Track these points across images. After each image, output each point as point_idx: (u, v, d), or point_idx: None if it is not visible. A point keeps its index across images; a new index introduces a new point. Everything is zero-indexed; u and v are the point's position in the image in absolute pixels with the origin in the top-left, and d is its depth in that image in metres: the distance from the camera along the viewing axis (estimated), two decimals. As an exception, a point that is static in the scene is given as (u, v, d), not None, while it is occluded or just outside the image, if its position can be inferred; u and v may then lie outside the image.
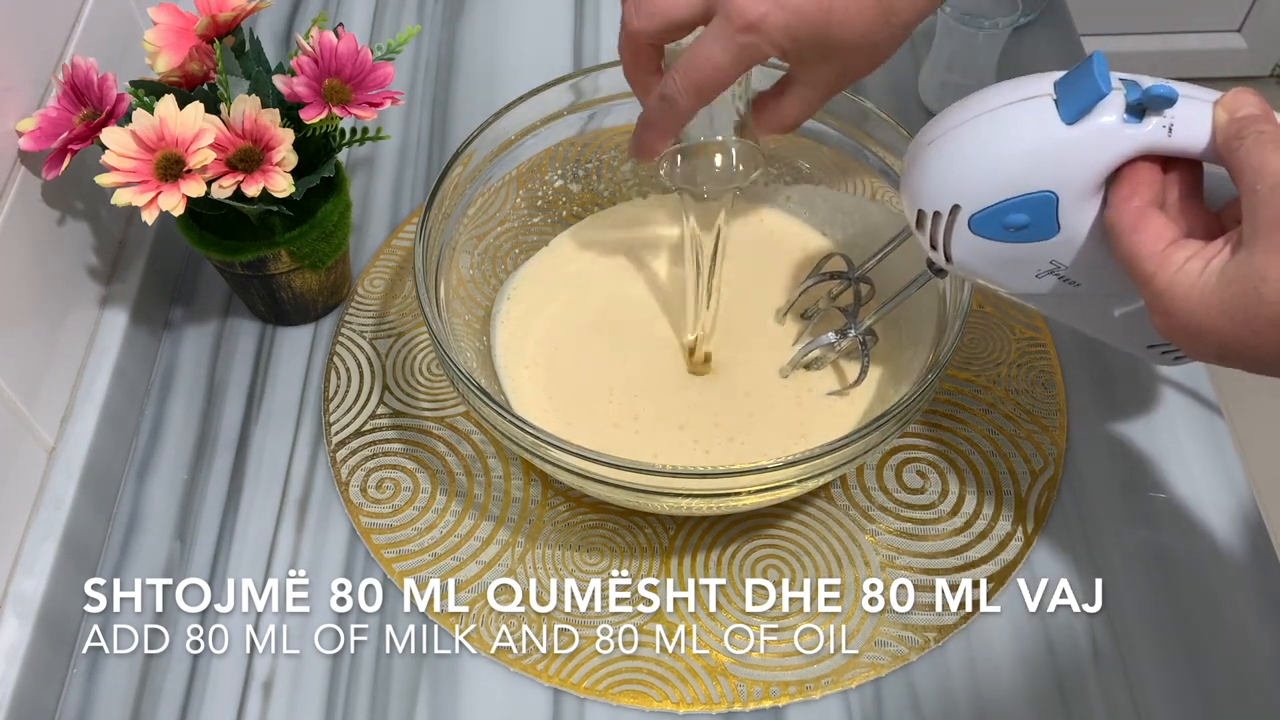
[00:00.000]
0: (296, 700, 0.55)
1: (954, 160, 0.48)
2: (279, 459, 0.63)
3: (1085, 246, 0.48)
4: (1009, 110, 0.46)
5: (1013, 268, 0.49)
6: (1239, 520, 0.59)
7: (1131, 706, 0.54)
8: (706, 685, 0.54)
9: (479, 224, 0.64)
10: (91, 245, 0.64)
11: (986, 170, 0.47)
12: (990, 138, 0.47)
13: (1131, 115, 0.44)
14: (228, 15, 0.59)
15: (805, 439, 0.59)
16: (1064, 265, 0.49)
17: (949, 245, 0.49)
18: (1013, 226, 0.47)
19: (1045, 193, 0.46)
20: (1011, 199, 0.47)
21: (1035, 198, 0.46)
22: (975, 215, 0.48)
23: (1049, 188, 0.46)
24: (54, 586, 0.55)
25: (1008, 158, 0.46)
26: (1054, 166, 0.46)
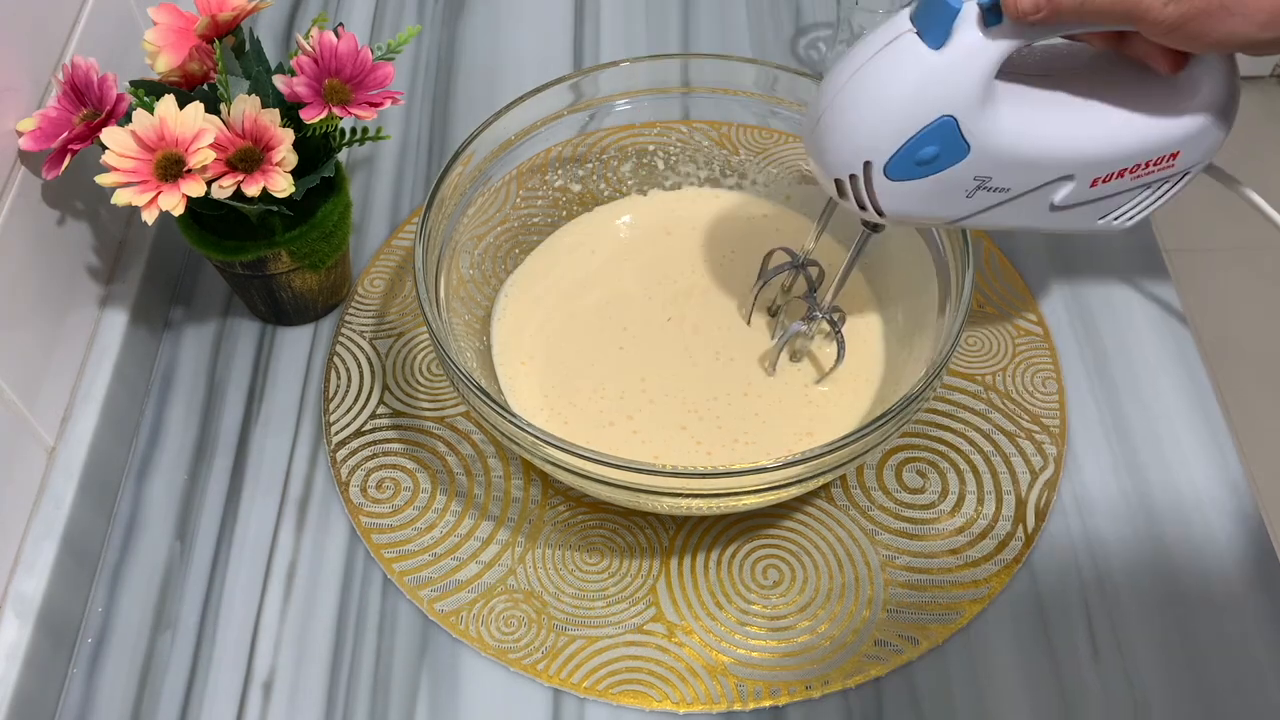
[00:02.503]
0: (296, 700, 0.55)
1: (847, 123, 0.50)
2: (279, 459, 0.63)
3: (1001, 151, 0.50)
4: (879, 58, 0.48)
5: (942, 198, 0.51)
6: (1239, 519, 0.59)
7: (1131, 706, 0.54)
8: (706, 685, 0.54)
9: (479, 224, 0.64)
10: (91, 245, 0.64)
11: (880, 120, 0.49)
12: (872, 90, 0.49)
13: (991, 15, 0.47)
14: (228, 15, 0.59)
15: (811, 436, 0.59)
16: (989, 177, 0.51)
17: (875, 201, 0.51)
18: (925, 160, 0.49)
19: (942, 118, 0.48)
20: (914, 137, 0.48)
21: (935, 127, 0.48)
22: (887, 164, 0.50)
23: (944, 113, 0.48)
24: (54, 586, 0.55)
25: (895, 102, 0.48)
26: (940, 92, 0.48)
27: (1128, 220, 0.56)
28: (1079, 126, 0.51)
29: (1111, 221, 0.56)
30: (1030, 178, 0.52)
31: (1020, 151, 0.50)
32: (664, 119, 0.67)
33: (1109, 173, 0.53)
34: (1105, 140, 0.52)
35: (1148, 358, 0.65)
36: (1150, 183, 0.54)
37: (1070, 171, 0.52)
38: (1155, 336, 0.66)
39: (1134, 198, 0.55)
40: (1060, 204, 0.53)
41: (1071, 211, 0.54)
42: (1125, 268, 0.69)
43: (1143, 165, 0.53)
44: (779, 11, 0.84)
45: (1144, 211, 0.56)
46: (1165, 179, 0.55)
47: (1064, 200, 0.53)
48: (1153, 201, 0.56)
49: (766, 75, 0.64)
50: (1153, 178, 0.54)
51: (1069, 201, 0.53)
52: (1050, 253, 0.70)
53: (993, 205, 0.52)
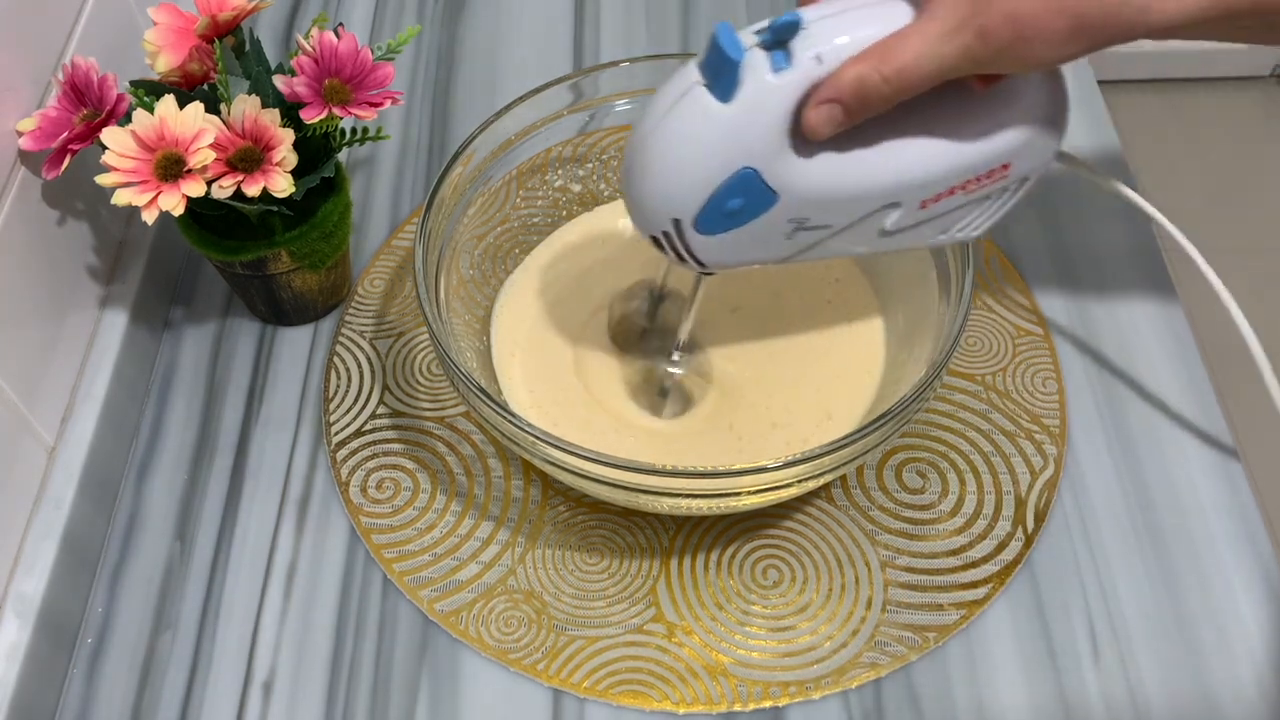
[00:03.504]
0: (296, 700, 0.55)
1: (648, 182, 0.48)
2: (279, 459, 0.63)
3: (812, 193, 0.48)
4: (671, 114, 0.46)
5: (761, 243, 0.50)
6: (1239, 519, 0.59)
7: (1131, 706, 0.54)
8: (706, 685, 0.54)
9: (479, 224, 0.64)
10: (91, 245, 0.64)
11: (679, 179, 0.47)
12: (667, 148, 0.47)
13: (778, 58, 0.45)
14: (228, 15, 0.59)
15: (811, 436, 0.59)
16: (806, 218, 0.49)
17: (693, 253, 0.50)
18: (733, 212, 0.48)
19: (742, 170, 0.46)
20: (715, 192, 0.47)
21: (736, 180, 0.46)
22: (695, 220, 0.48)
23: (743, 165, 0.46)
24: (54, 586, 0.55)
25: (690, 159, 0.47)
26: (736, 145, 0.46)
27: (974, 231, 0.53)
28: (894, 155, 0.48)
29: (956, 235, 0.53)
30: (851, 212, 0.49)
31: (833, 191, 0.48)
32: (664, 119, 0.67)
33: (937, 194, 0.49)
34: (925, 165, 0.49)
35: (1148, 358, 0.65)
36: (986, 195, 0.51)
37: (894, 199, 0.49)
38: (1155, 336, 0.66)
39: (973, 210, 0.52)
40: (892, 229, 0.51)
41: (907, 233, 0.51)
42: (1125, 268, 0.69)
43: (973, 180, 0.50)
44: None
45: (990, 220, 0.53)
46: (1002, 189, 0.51)
47: (895, 225, 0.50)
48: (996, 210, 0.53)
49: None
50: (987, 190, 0.51)
51: (901, 225, 0.51)
52: (1050, 253, 0.70)
53: (818, 241, 0.50)
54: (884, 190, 0.49)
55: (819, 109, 0.45)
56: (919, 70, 0.44)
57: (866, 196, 0.49)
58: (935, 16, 0.44)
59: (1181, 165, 1.75)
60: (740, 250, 0.50)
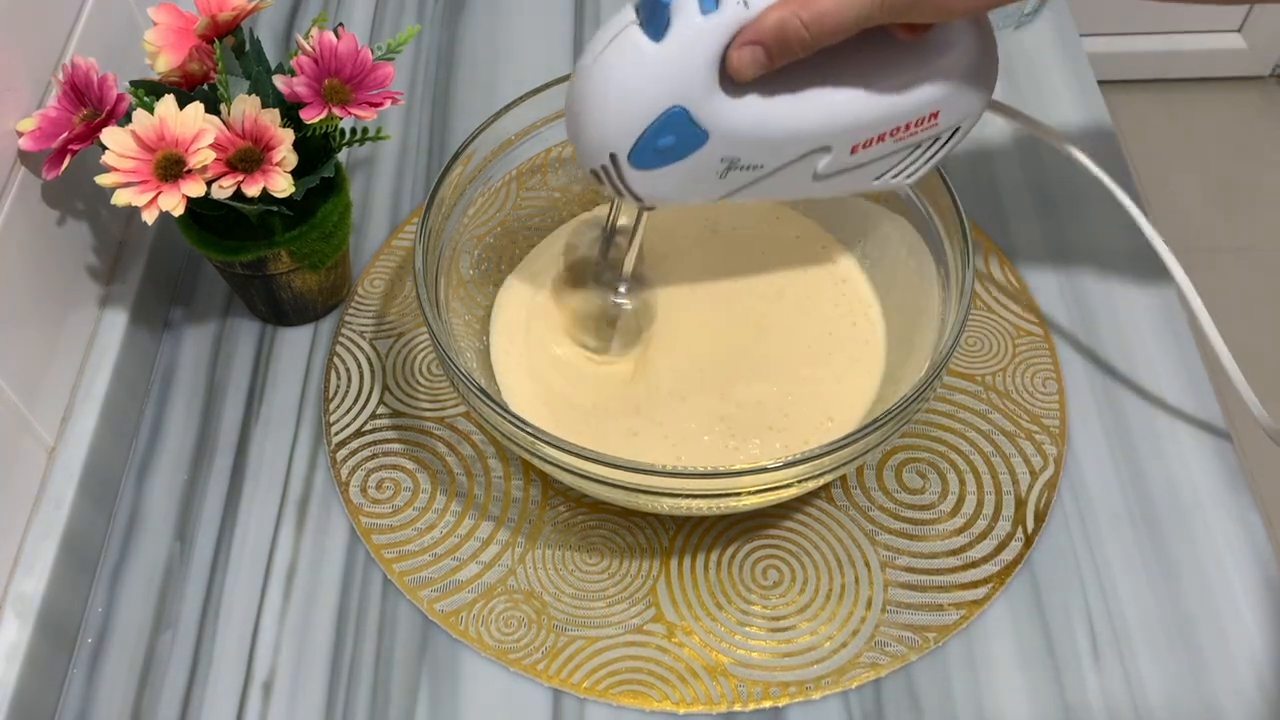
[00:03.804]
0: (296, 700, 0.55)
1: (587, 117, 0.50)
2: (279, 459, 0.63)
3: (742, 134, 0.49)
4: (607, 52, 0.48)
5: (695, 181, 0.51)
6: (1239, 519, 0.59)
7: (1131, 706, 0.54)
8: (706, 685, 0.55)
9: (479, 224, 0.64)
10: (91, 245, 0.64)
11: (613, 114, 0.49)
12: (603, 84, 0.49)
13: (708, 1, 0.46)
14: (228, 15, 0.59)
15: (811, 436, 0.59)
16: (737, 158, 0.50)
17: (630, 188, 0.51)
18: (665, 149, 0.49)
19: (672, 109, 0.48)
20: (648, 129, 0.48)
21: (667, 117, 0.48)
22: (630, 155, 0.50)
23: (673, 103, 0.48)
24: (54, 586, 0.55)
25: (624, 95, 0.48)
26: (666, 84, 0.48)
27: (908, 177, 0.55)
28: (823, 99, 0.50)
29: (890, 180, 0.54)
30: (782, 154, 0.51)
31: (763, 132, 0.50)
32: (664, 119, 0.67)
33: (867, 139, 0.51)
34: (852, 110, 0.50)
35: (1148, 358, 0.65)
36: (918, 143, 0.53)
37: (824, 143, 0.51)
38: (1155, 336, 0.66)
39: (905, 157, 0.53)
40: (824, 172, 0.52)
41: (840, 178, 0.53)
42: (1125, 268, 0.69)
43: (903, 128, 0.51)
44: None
45: (924, 167, 0.54)
46: (933, 137, 0.53)
47: (827, 169, 0.52)
48: (929, 157, 0.54)
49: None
50: (918, 138, 0.52)
51: (832, 169, 0.52)
52: (1050, 253, 0.70)
53: (751, 182, 0.52)
54: (811, 134, 0.50)
55: (742, 50, 0.47)
56: (838, 16, 0.45)
57: (795, 139, 0.50)
58: None
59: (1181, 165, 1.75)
60: (675, 186, 0.51)
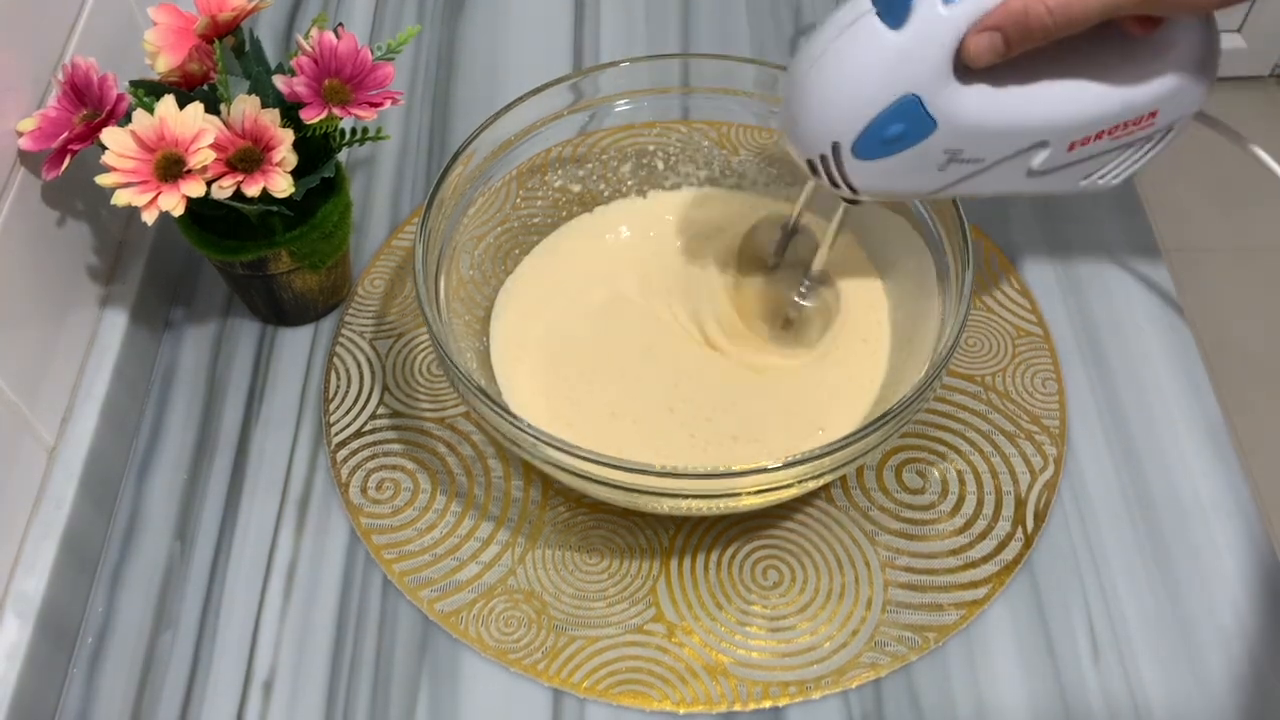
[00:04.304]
0: (296, 700, 0.55)
1: (812, 106, 0.50)
2: (279, 459, 0.63)
3: (969, 124, 0.50)
4: (841, 40, 0.48)
5: (915, 173, 0.51)
6: (1239, 520, 0.59)
7: (1131, 706, 0.54)
8: (706, 685, 0.55)
9: (479, 224, 0.64)
10: (91, 245, 0.64)
11: (843, 102, 0.49)
12: (835, 72, 0.49)
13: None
14: (228, 15, 0.59)
15: (811, 436, 0.59)
16: (960, 150, 0.50)
17: (847, 179, 0.51)
18: (892, 139, 0.49)
19: (905, 97, 0.48)
20: (878, 117, 0.48)
21: (899, 105, 0.48)
22: (855, 144, 0.50)
23: (907, 91, 0.48)
24: (54, 586, 0.55)
25: (857, 83, 0.48)
26: (901, 71, 0.48)
27: (1114, 179, 0.55)
28: (1049, 93, 0.50)
29: (1097, 181, 0.55)
30: (1003, 147, 0.51)
31: (989, 123, 0.50)
32: (664, 119, 0.67)
33: (1085, 136, 0.52)
34: (1078, 105, 0.51)
35: (1148, 358, 0.65)
36: (1131, 142, 0.53)
37: (1044, 138, 0.51)
38: (1155, 337, 0.66)
39: (1116, 157, 0.54)
40: (1039, 169, 0.52)
41: (1052, 175, 0.53)
42: (1126, 268, 0.69)
43: (1121, 126, 0.52)
44: (779, 11, 0.84)
45: (1130, 169, 0.55)
46: (1147, 137, 0.53)
47: (1042, 165, 0.52)
48: (1138, 159, 0.55)
49: (766, 75, 0.64)
50: (1133, 137, 0.53)
51: (1047, 166, 0.52)
52: (1051, 253, 0.70)
53: (968, 175, 0.52)
54: (1036, 127, 0.51)
55: (981, 36, 0.47)
56: (1084, 5, 0.46)
57: (1019, 132, 0.51)
58: None
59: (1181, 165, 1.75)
60: (894, 178, 0.51)
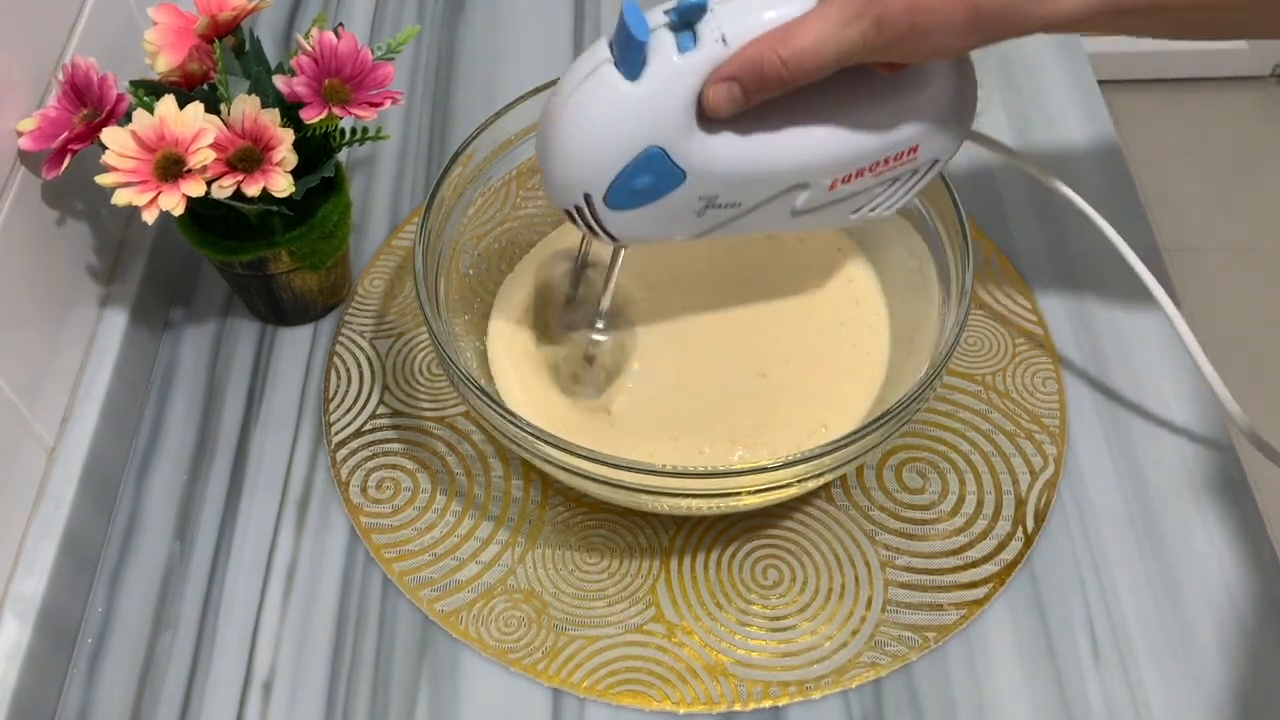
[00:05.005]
0: (296, 700, 0.55)
1: (559, 158, 0.49)
2: (279, 459, 0.63)
3: (719, 172, 0.48)
4: (581, 90, 0.47)
5: (671, 220, 0.50)
6: (1240, 520, 0.59)
7: (1131, 706, 0.54)
8: (706, 685, 0.55)
9: (479, 224, 0.64)
10: (91, 245, 0.64)
11: (589, 155, 0.48)
12: (576, 125, 0.47)
13: (685, 38, 0.45)
14: (228, 15, 0.59)
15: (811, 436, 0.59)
16: (715, 196, 0.49)
17: (605, 227, 0.50)
18: (642, 190, 0.48)
19: (649, 149, 0.47)
20: (624, 170, 0.47)
21: (644, 158, 0.47)
22: (605, 195, 0.49)
23: (650, 144, 0.47)
24: (54, 586, 0.55)
25: (599, 136, 0.47)
26: (643, 124, 0.46)
27: (886, 210, 0.54)
28: (801, 137, 0.49)
29: (868, 214, 0.54)
30: (759, 192, 0.50)
31: (741, 170, 0.49)
32: (664, 119, 0.67)
33: (846, 174, 0.50)
34: (832, 147, 0.49)
35: (1147, 358, 0.65)
36: (896, 176, 0.52)
37: (802, 180, 0.50)
38: (1155, 337, 0.66)
39: (884, 191, 0.53)
40: (803, 208, 0.51)
41: (819, 213, 0.52)
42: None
43: (881, 163, 0.50)
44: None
45: (902, 200, 0.54)
46: (913, 170, 0.52)
47: (805, 205, 0.51)
48: (907, 190, 0.53)
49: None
50: (897, 172, 0.51)
51: (811, 205, 0.51)
52: (1050, 253, 0.70)
53: (728, 220, 0.51)
54: (790, 171, 0.50)
55: (718, 87, 0.46)
56: (817, 55, 0.45)
57: (773, 177, 0.49)
58: (834, 2, 0.45)
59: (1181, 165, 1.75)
60: (652, 225, 0.50)
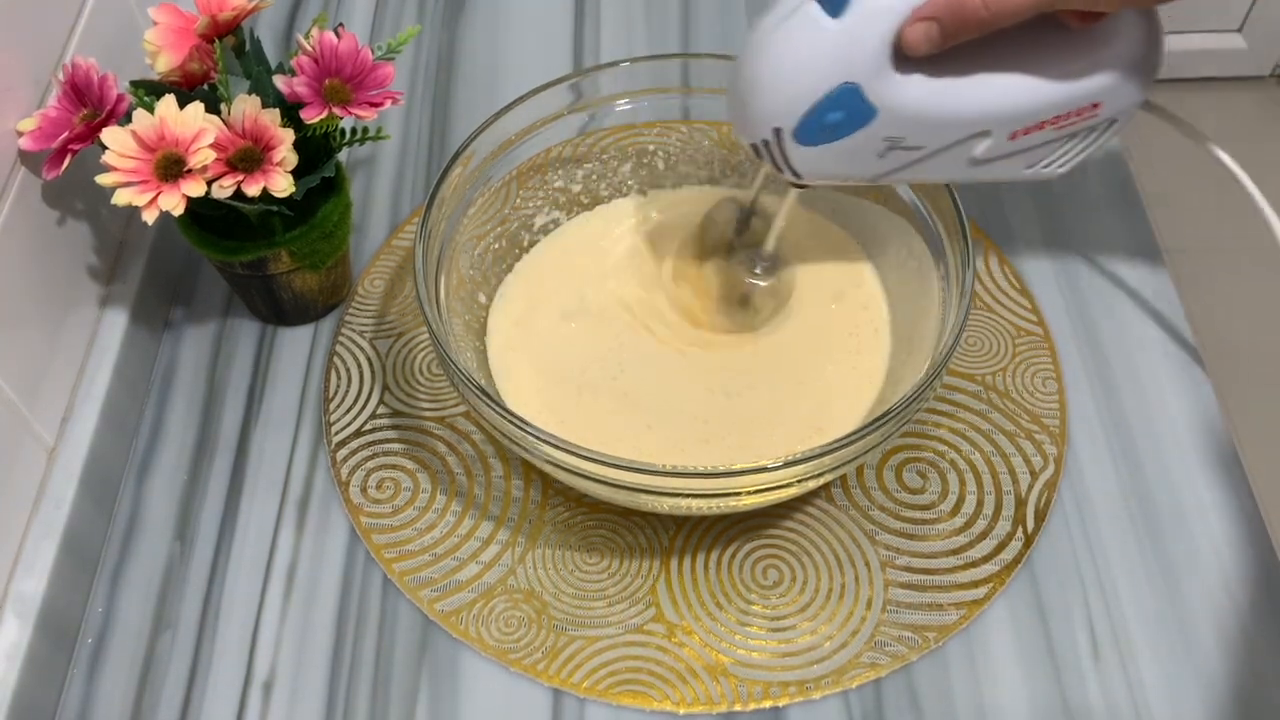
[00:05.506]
0: (296, 700, 0.55)
1: (754, 91, 0.51)
2: (279, 459, 0.63)
3: (909, 113, 0.50)
4: (782, 28, 0.49)
5: (855, 158, 0.52)
6: (1239, 520, 0.59)
7: (1131, 706, 0.54)
8: (706, 685, 0.55)
9: (479, 224, 0.64)
10: (91, 245, 0.64)
11: (784, 88, 0.50)
12: (776, 58, 0.49)
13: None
14: (228, 15, 0.59)
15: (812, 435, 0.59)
16: (900, 138, 0.51)
17: (790, 162, 0.52)
18: (832, 125, 0.50)
19: (844, 85, 0.49)
20: (817, 104, 0.49)
21: (838, 93, 0.49)
22: (795, 130, 0.50)
23: (846, 80, 0.48)
24: (54, 586, 0.55)
25: (796, 70, 0.49)
26: (840, 60, 0.48)
27: (1059, 168, 0.55)
28: (989, 83, 0.50)
29: (1041, 170, 0.55)
30: (944, 136, 0.51)
31: (929, 112, 0.50)
32: (664, 119, 0.67)
33: (1027, 126, 0.52)
34: (1018, 96, 0.51)
35: (1148, 358, 0.65)
36: (1075, 132, 0.53)
37: (985, 128, 0.51)
38: (1155, 337, 0.66)
39: (1060, 147, 0.54)
40: (981, 158, 0.53)
41: (995, 164, 0.53)
42: (1125, 268, 0.69)
43: (1063, 116, 0.52)
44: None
45: (1076, 158, 0.55)
46: (1091, 128, 0.53)
47: (984, 154, 0.53)
48: (1083, 148, 0.55)
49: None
50: (1077, 127, 0.53)
51: (990, 155, 0.53)
52: (1050, 252, 0.70)
53: (909, 163, 0.53)
54: (976, 117, 0.51)
55: (917, 26, 0.47)
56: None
57: (959, 121, 0.51)
58: None
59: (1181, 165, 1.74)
60: (835, 163, 0.52)
